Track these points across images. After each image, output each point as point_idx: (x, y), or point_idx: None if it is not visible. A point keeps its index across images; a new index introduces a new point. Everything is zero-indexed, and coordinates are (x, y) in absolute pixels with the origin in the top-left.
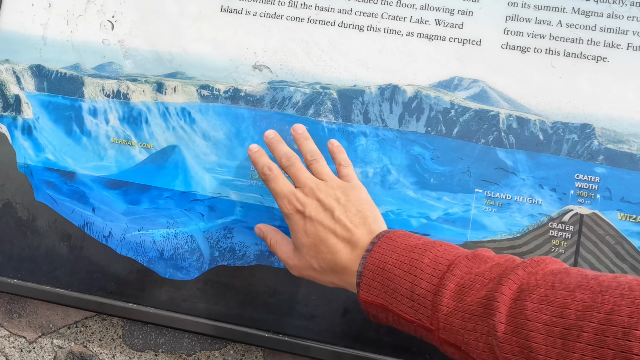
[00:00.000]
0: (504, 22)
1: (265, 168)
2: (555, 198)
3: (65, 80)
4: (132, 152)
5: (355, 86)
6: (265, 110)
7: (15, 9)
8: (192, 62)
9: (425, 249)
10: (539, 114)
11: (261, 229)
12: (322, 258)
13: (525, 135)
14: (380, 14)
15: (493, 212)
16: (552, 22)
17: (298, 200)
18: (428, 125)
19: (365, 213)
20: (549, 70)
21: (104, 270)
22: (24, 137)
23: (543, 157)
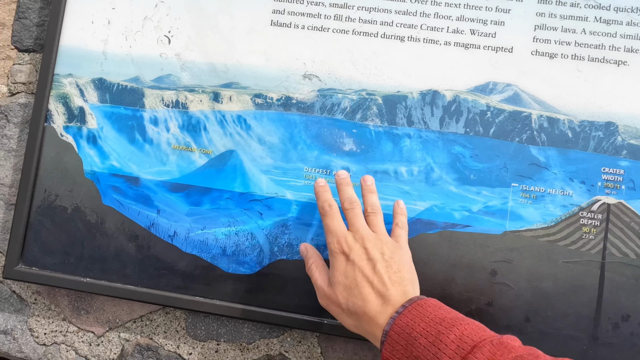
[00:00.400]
0: (533, 30)
1: (325, 203)
2: (585, 190)
3: (126, 92)
4: (193, 157)
5: (398, 92)
6: (316, 116)
7: (76, 26)
8: (246, 72)
9: (452, 324)
10: (567, 113)
11: (307, 248)
12: (353, 302)
13: (556, 133)
14: (419, 25)
15: (529, 204)
16: (577, 30)
17: (347, 242)
18: (467, 126)
19: (404, 274)
20: (575, 74)
21: (171, 267)
22: (89, 145)
23: (572, 153)
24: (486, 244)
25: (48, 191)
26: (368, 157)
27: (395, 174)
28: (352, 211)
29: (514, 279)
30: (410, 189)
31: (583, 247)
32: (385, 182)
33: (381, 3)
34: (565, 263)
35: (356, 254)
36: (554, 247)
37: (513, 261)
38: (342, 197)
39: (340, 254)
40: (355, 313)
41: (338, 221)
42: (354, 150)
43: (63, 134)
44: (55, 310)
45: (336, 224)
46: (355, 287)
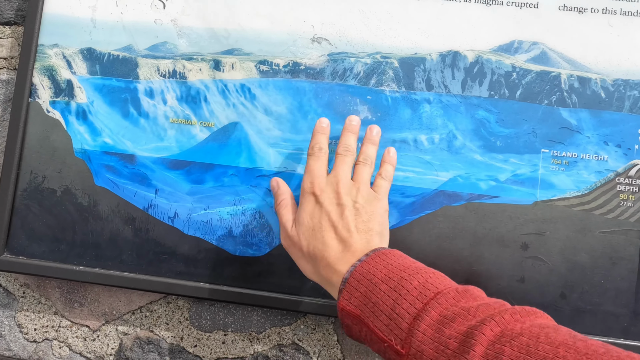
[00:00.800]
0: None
1: (317, 145)
2: (621, 154)
3: (118, 62)
4: (193, 131)
5: (415, 54)
6: (327, 83)
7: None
8: (249, 37)
9: (417, 271)
10: (599, 72)
11: (279, 183)
12: (314, 245)
13: (587, 94)
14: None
15: (560, 171)
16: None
17: (320, 184)
18: (491, 89)
19: (372, 225)
20: (607, 29)
21: (172, 252)
22: (79, 122)
23: (606, 115)
24: (516, 216)
25: (34, 173)
26: (385, 125)
27: (415, 142)
28: (343, 157)
29: (547, 253)
30: (431, 158)
31: (621, 215)
32: (404, 152)
33: None
34: (602, 233)
35: (327, 197)
36: (590, 216)
37: (545, 233)
38: (341, 141)
39: (311, 194)
40: (315, 257)
41: (321, 164)
42: (369, 118)
43: (50, 110)
44: (46, 303)
45: (317, 166)
46: (319, 230)
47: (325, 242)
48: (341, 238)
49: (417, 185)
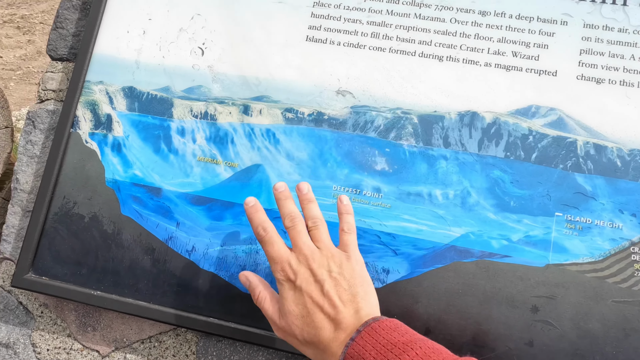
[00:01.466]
0: (579, 55)
1: (260, 228)
2: (636, 223)
3: (155, 101)
4: (217, 170)
5: (435, 112)
6: (348, 133)
7: (111, 35)
8: (278, 86)
9: (404, 349)
10: (615, 141)
11: (248, 278)
12: (307, 331)
13: (603, 161)
14: (458, 46)
15: (574, 236)
16: (625, 55)
17: (291, 267)
18: (507, 150)
19: (355, 289)
20: (624, 100)
21: (186, 284)
22: (113, 153)
23: (622, 183)
24: (527, 277)
25: (67, 198)
26: (401, 178)
27: (430, 197)
28: (294, 229)
29: (558, 317)
30: (445, 213)
31: (635, 285)
32: (419, 205)
33: (419, 22)
34: (615, 303)
35: (302, 279)
36: (603, 284)
37: (557, 297)
38: (282, 213)
39: (287, 281)
40: (312, 342)
41: (278, 246)
42: (387, 170)
43: (88, 141)
44: (61, 325)
45: (276, 249)
46: (307, 315)
47: (316, 325)
48: (330, 317)
49: (429, 239)
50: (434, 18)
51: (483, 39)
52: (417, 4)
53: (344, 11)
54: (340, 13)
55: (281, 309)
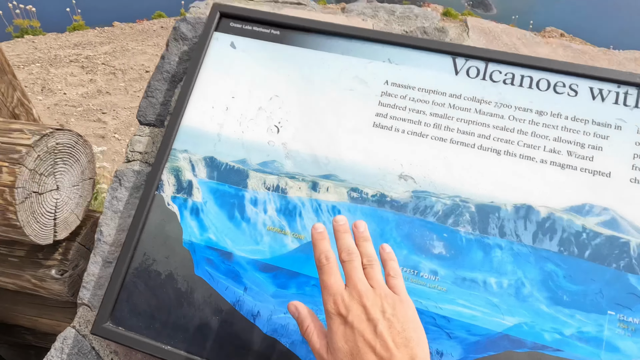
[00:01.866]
0: (632, 159)
1: (322, 256)
2: None
3: (233, 172)
4: (285, 240)
5: (492, 202)
6: (408, 216)
7: (198, 110)
8: (345, 167)
9: None
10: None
11: (297, 308)
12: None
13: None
14: (516, 142)
15: (627, 337)
16: None
17: (344, 302)
18: (561, 245)
19: (409, 334)
20: None
21: (249, 347)
22: (191, 217)
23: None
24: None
25: (147, 255)
26: (457, 263)
27: (484, 284)
28: (350, 263)
29: None
30: (499, 301)
31: None
32: (473, 291)
33: (479, 117)
34: None
35: (354, 315)
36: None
37: None
38: (339, 247)
39: (338, 315)
40: None
41: (335, 277)
42: (444, 254)
43: (170, 203)
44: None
45: (333, 281)
46: (357, 354)
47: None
48: (382, 359)
49: (483, 325)
50: (493, 114)
51: (539, 137)
52: (477, 100)
53: (409, 102)
54: (405, 103)
55: (330, 344)
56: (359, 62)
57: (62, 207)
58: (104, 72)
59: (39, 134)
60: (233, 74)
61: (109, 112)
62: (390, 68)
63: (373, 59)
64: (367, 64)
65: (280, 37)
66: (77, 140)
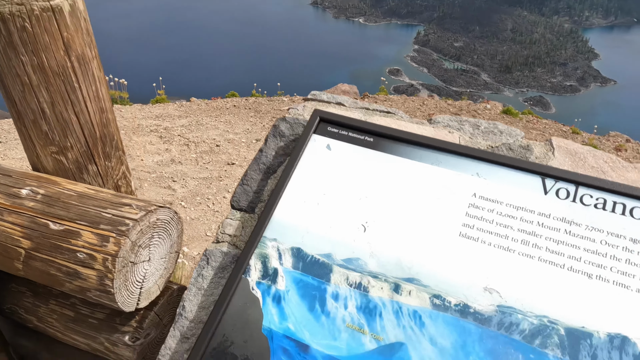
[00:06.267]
0: None
1: None
2: None
3: (317, 264)
4: (363, 339)
5: (583, 327)
6: (492, 331)
7: (291, 202)
8: (429, 273)
9: None
10: None
11: None
12: None
13: None
14: (609, 267)
15: None
16: None
17: None
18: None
19: None
20: None
21: None
22: (273, 304)
23: None
24: None
25: (226, 336)
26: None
27: None
28: None
29: None
30: None
31: None
32: None
33: (569, 239)
34: None
35: None
36: None
37: None
38: None
39: None
40: None
41: None
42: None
43: (254, 288)
44: None
45: None
46: None
47: None
48: None
49: None
50: (584, 237)
51: (635, 265)
52: (567, 221)
53: (496, 216)
54: (493, 217)
55: None
56: (448, 173)
57: (149, 277)
58: (179, 142)
59: (145, 210)
60: (327, 173)
61: (179, 180)
62: (478, 182)
63: (461, 172)
64: (456, 175)
65: (373, 144)
66: (172, 217)
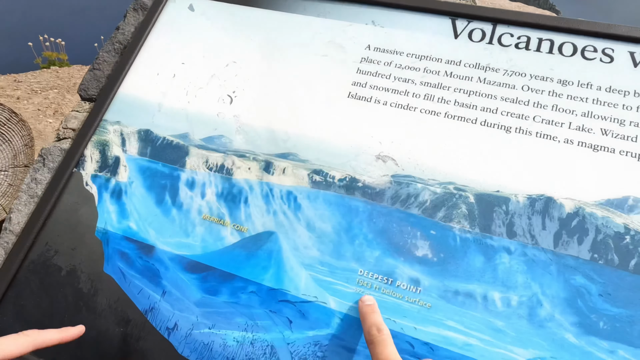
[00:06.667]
0: None
1: (374, 327)
2: None
3: (170, 147)
4: (223, 232)
5: (498, 192)
6: (385, 206)
7: (140, 75)
8: (309, 144)
9: None
10: None
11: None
12: None
13: None
14: (531, 117)
15: None
16: None
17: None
18: (594, 251)
19: None
20: None
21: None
22: (111, 200)
23: None
24: None
25: (49, 245)
26: (447, 270)
27: (485, 300)
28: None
29: None
30: (504, 325)
31: None
32: (469, 310)
33: (483, 87)
34: None
35: None
36: None
37: None
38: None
39: None
40: None
41: (390, 349)
42: (429, 258)
43: (88, 183)
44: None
45: (388, 352)
46: None
47: None
48: None
49: (481, 359)
50: (502, 84)
51: (563, 112)
52: (482, 67)
53: (394, 69)
54: (390, 71)
55: None
56: (337, 25)
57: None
58: None
59: None
60: (188, 39)
61: None
62: (374, 31)
63: (353, 22)
64: (346, 27)
65: None
66: (9, 118)
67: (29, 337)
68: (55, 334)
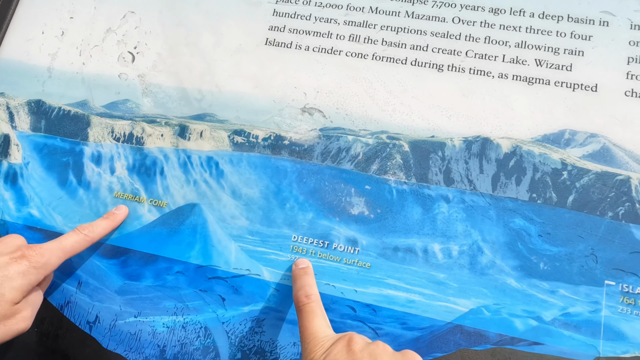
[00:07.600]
0: (626, 64)
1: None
2: None
3: (68, 118)
4: (140, 210)
5: (432, 137)
6: (315, 164)
7: (21, 36)
8: (226, 102)
9: None
10: None
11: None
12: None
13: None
14: (464, 52)
15: (634, 315)
16: None
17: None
18: (532, 190)
19: None
20: None
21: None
22: (6, 186)
23: None
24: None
25: None
26: (385, 226)
27: (425, 253)
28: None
29: None
30: (446, 277)
31: None
32: (409, 265)
33: (412, 22)
34: None
35: None
36: None
37: None
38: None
39: None
40: None
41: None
42: (366, 215)
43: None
44: None
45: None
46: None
47: None
48: None
49: (425, 315)
50: (432, 17)
51: (496, 44)
52: (409, 0)
53: (315, 8)
54: (310, 11)
55: None
56: None
57: None
58: None
59: None
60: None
61: None
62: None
63: None
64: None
65: None
66: None
67: (82, 233)
68: (105, 223)
